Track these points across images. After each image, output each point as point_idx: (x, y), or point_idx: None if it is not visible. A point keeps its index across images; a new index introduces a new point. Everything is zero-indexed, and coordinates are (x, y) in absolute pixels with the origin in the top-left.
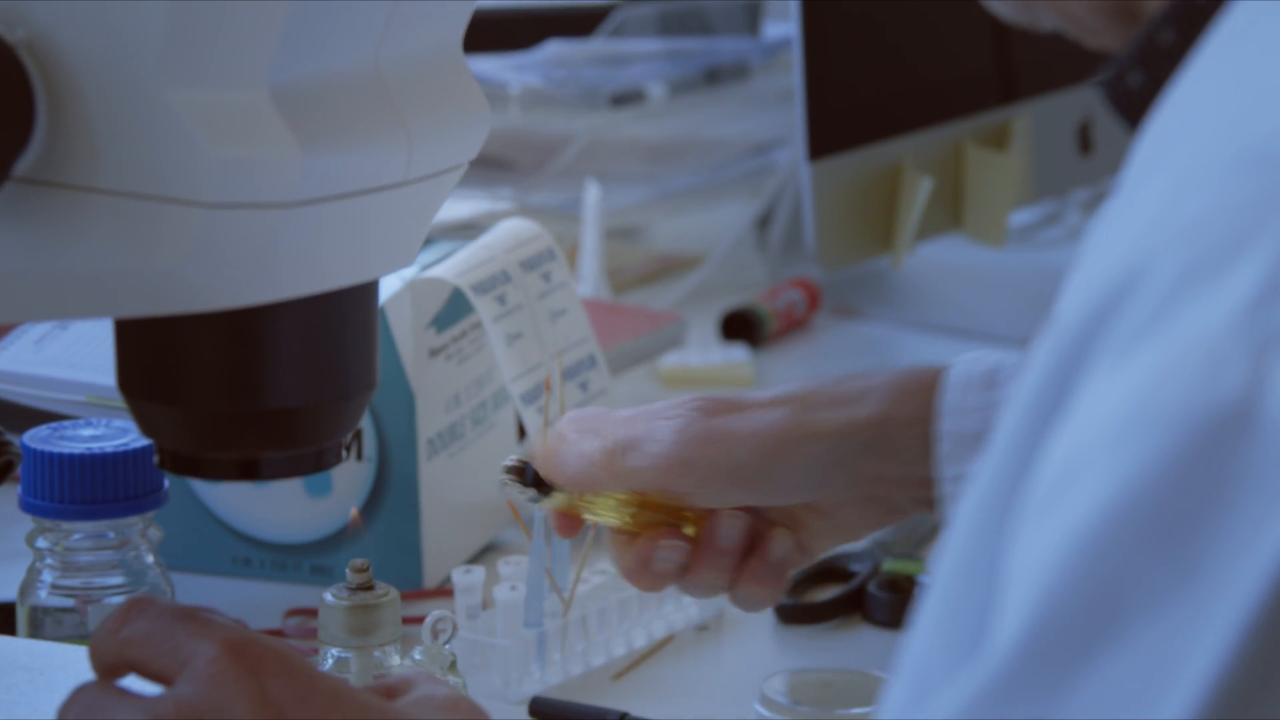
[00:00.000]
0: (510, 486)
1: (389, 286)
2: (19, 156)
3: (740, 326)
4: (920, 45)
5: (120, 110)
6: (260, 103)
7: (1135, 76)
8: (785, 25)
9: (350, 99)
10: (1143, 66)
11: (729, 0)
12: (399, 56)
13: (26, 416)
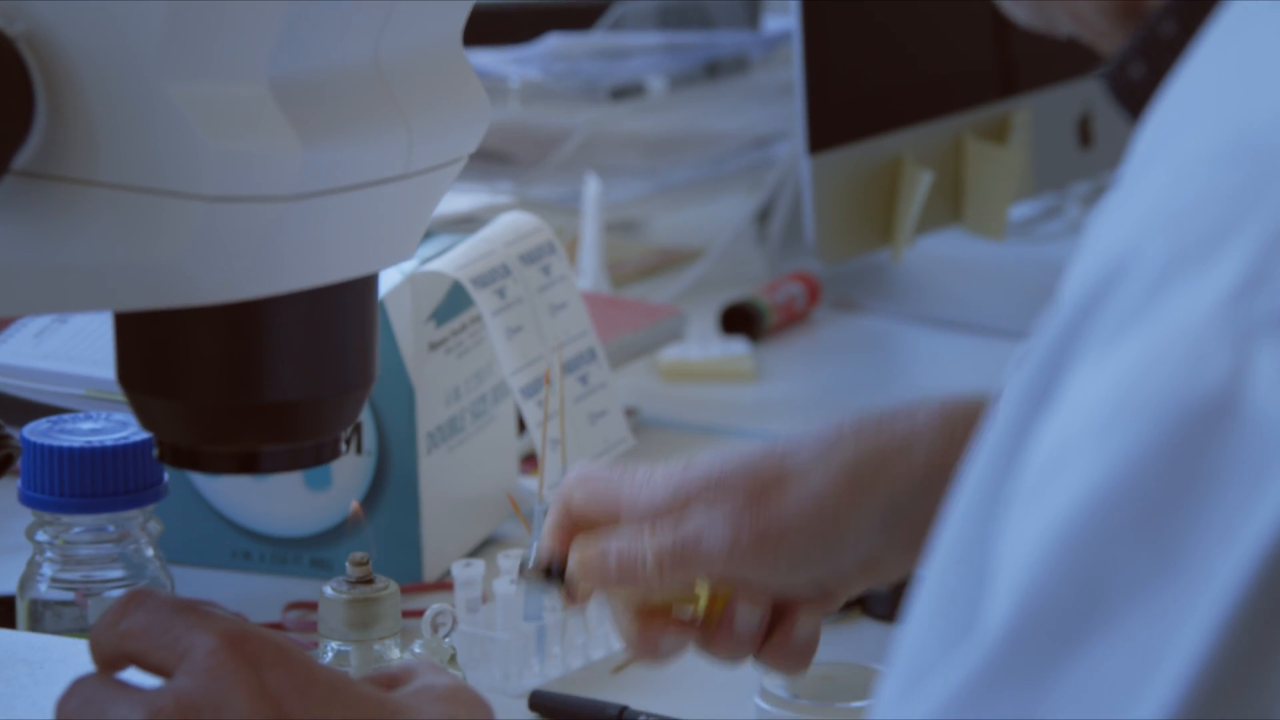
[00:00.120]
0: (531, 583)
1: (389, 280)
2: (18, 150)
3: (740, 320)
4: (920, 39)
5: (120, 103)
6: (260, 96)
7: (1137, 68)
8: (785, 19)
9: (350, 92)
10: (1144, 58)
11: None
12: (399, 50)
13: (26, 410)
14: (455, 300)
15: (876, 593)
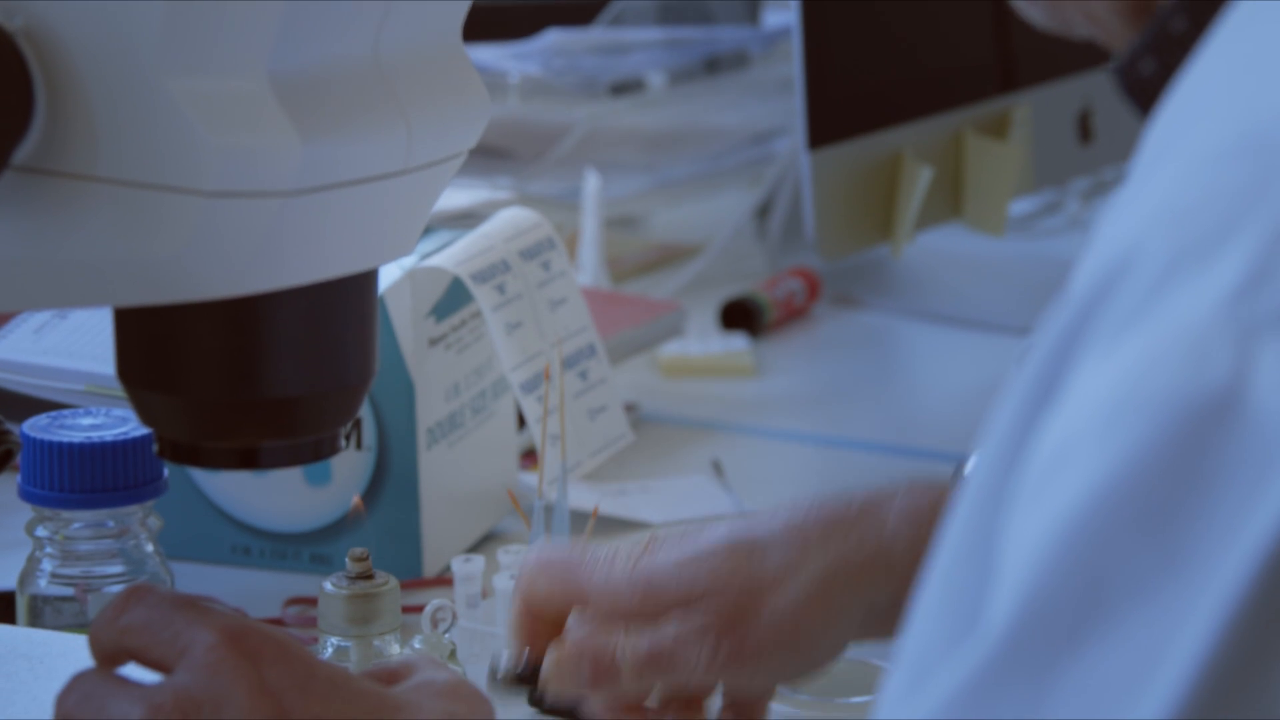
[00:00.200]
0: (503, 691)
1: (388, 275)
2: (18, 145)
3: (740, 316)
4: (920, 34)
5: (119, 98)
6: (260, 91)
7: (1147, 64)
8: (785, 14)
9: (350, 87)
10: (1154, 54)
11: None
12: (398, 45)
13: (26, 405)
14: (455, 296)
15: None
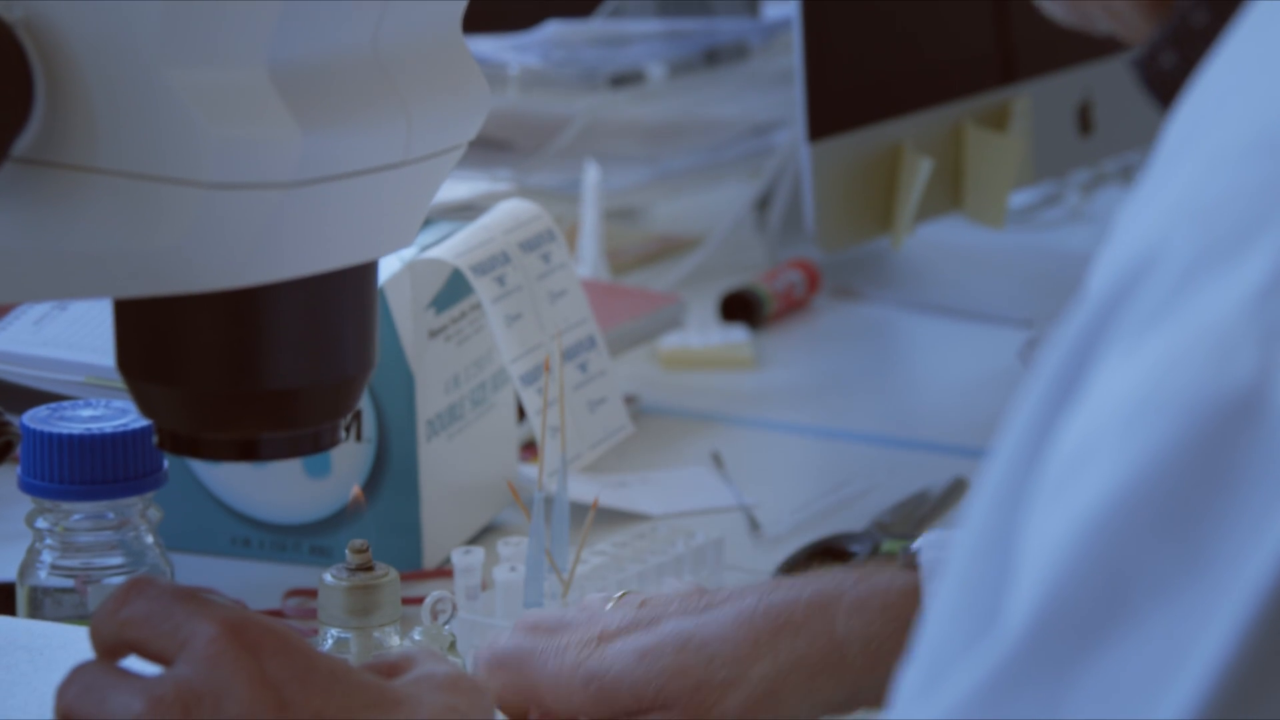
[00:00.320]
0: None
1: (388, 267)
2: (17, 136)
3: (740, 307)
4: (920, 26)
5: (119, 90)
6: (259, 83)
7: (1168, 57)
8: (784, 6)
9: (349, 79)
10: (1176, 47)
11: None
12: (398, 37)
13: (26, 397)
14: (455, 288)
15: None
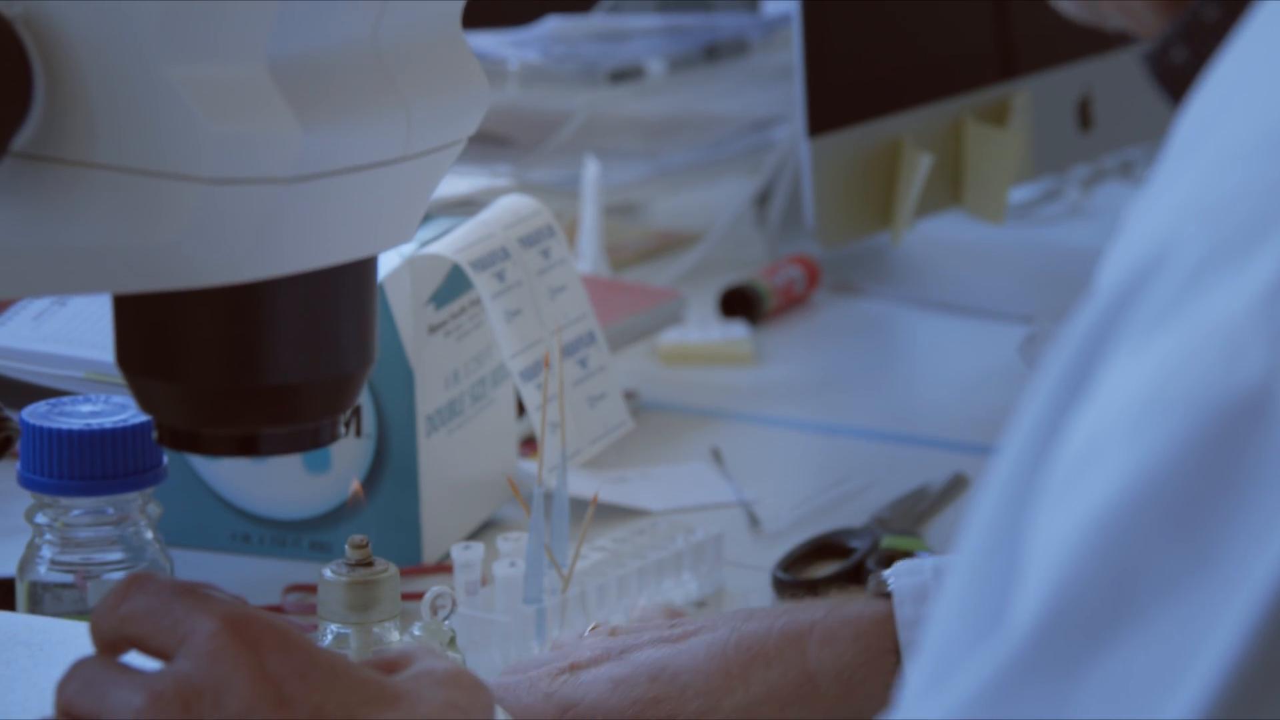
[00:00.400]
0: None
1: (388, 263)
2: (17, 132)
3: (739, 303)
4: (920, 21)
5: (119, 85)
6: (259, 78)
7: (1179, 52)
8: (784, 1)
9: (349, 74)
10: (1187, 42)
11: None
12: (398, 32)
13: (25, 392)
14: (454, 283)
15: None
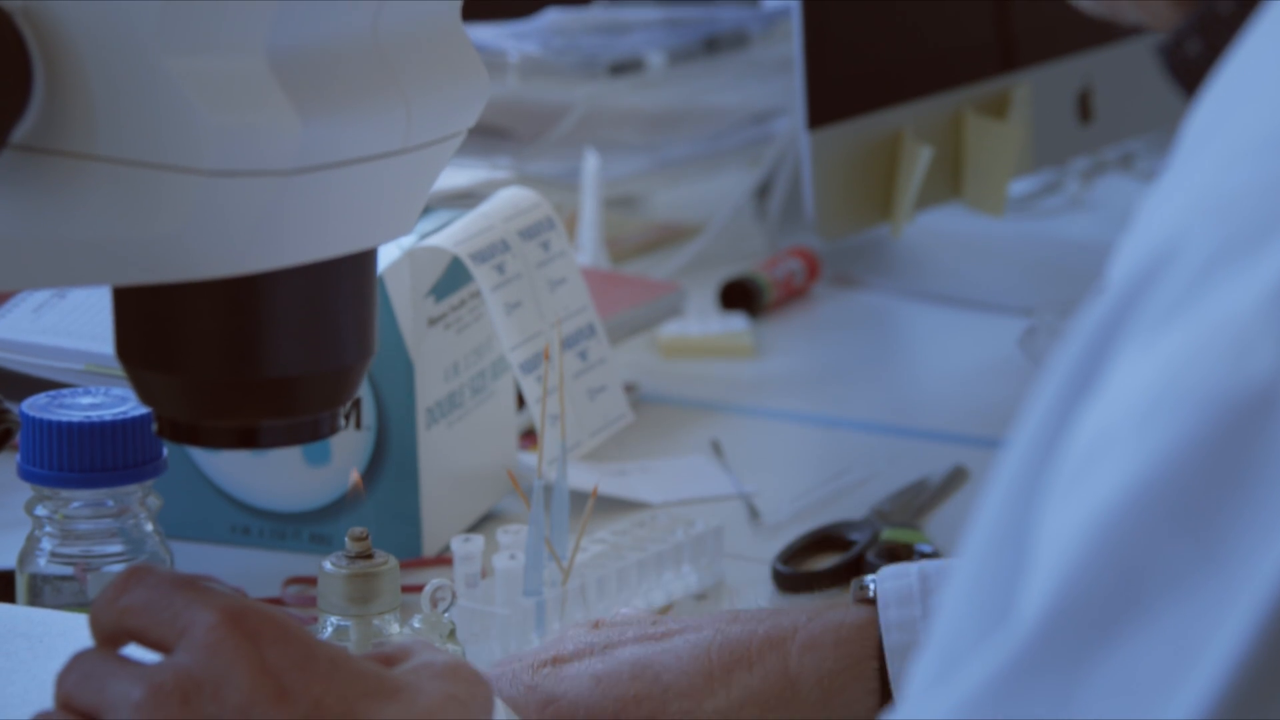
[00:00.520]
0: None
1: (387, 255)
2: (16, 124)
3: (739, 296)
4: (920, 13)
5: (118, 77)
6: (259, 70)
7: (1193, 44)
8: None
9: (349, 66)
10: (1201, 34)
11: None
12: (398, 24)
13: (25, 384)
14: (454, 275)
15: (875, 568)
